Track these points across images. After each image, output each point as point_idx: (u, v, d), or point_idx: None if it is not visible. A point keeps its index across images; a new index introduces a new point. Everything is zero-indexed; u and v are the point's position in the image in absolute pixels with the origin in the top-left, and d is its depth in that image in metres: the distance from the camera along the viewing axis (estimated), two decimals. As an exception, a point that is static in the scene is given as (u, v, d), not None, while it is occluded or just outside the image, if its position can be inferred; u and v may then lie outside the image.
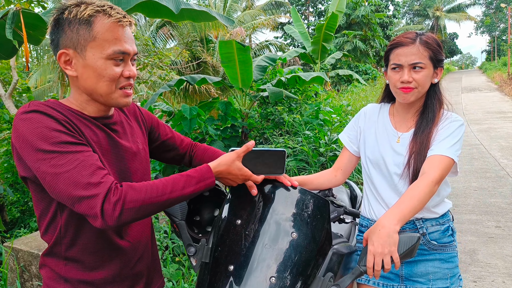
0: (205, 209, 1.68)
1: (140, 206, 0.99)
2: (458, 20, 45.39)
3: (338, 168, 1.75)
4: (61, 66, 1.08)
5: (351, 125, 1.75)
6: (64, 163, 0.96)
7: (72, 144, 0.99)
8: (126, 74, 1.10)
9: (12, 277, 2.84)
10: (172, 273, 2.92)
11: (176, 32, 12.69)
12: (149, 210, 1.01)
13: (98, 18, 1.05)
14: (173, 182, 1.06)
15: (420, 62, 1.44)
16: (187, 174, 1.09)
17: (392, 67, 1.49)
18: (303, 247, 1.19)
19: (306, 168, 5.36)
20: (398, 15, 27.42)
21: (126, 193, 0.97)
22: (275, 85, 6.59)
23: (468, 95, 18.99)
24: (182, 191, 1.06)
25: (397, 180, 1.53)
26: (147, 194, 1.00)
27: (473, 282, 3.26)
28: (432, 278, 1.53)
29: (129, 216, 0.97)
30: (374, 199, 1.62)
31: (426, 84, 1.48)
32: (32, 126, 0.98)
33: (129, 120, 1.29)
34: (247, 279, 1.13)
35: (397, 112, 1.62)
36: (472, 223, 4.52)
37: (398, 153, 1.54)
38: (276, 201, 1.26)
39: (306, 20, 30.15)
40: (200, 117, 5.53)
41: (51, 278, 1.13)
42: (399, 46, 1.47)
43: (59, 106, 1.08)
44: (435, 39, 1.49)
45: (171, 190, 1.04)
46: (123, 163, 1.18)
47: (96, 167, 0.99)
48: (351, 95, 13.42)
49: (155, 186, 1.03)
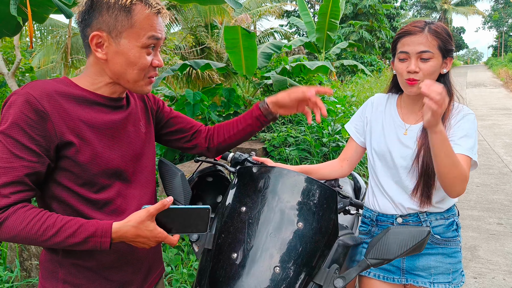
0: (208, 195, 1.65)
1: (14, 236, 0.96)
2: (466, 14, 44.89)
3: (344, 159, 1.72)
4: (92, 47, 1.07)
5: (357, 115, 1.71)
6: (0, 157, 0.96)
7: (21, 146, 0.97)
8: (155, 63, 1.12)
9: (12, 255, 2.84)
10: (171, 258, 2.91)
11: (180, 16, 12.55)
12: (25, 242, 0.98)
13: (139, 7, 1.05)
14: (63, 226, 0.97)
15: (428, 50, 1.38)
16: (82, 223, 0.98)
17: (399, 57, 1.44)
18: (309, 237, 1.16)
19: (308, 158, 5.33)
20: (406, 7, 27.12)
21: (7, 218, 0.95)
22: (280, 73, 6.53)
23: (473, 90, 18.86)
24: (66, 240, 0.97)
25: (404, 174, 1.50)
26: (25, 229, 0.95)
27: (473, 278, 3.25)
28: (434, 273, 1.50)
29: (3, 239, 0.97)
30: (378, 191, 1.59)
31: (434, 75, 1.42)
32: (10, 110, 0.97)
33: (136, 103, 1.27)
34: (250, 268, 1.10)
35: (405, 104, 1.57)
36: (474, 219, 4.50)
37: (405, 146, 1.50)
38: (283, 190, 1.23)
39: (312, 9, 29.86)
40: (203, 103, 5.49)
41: (49, 261, 1.12)
42: (406, 35, 1.42)
43: (67, 84, 1.07)
44: (444, 28, 1.43)
45: (54, 234, 0.96)
46: (125, 145, 1.16)
47: (17, 179, 0.96)
48: (355, 86, 13.33)
49: (39, 224, 0.96)
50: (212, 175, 1.62)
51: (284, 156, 5.25)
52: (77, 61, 11.32)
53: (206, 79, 10.06)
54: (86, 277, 1.11)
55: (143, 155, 1.22)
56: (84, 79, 1.12)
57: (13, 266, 2.80)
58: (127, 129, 1.18)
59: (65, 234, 0.97)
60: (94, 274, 1.12)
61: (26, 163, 0.97)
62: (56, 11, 3.31)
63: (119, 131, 1.15)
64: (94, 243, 0.98)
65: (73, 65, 10.68)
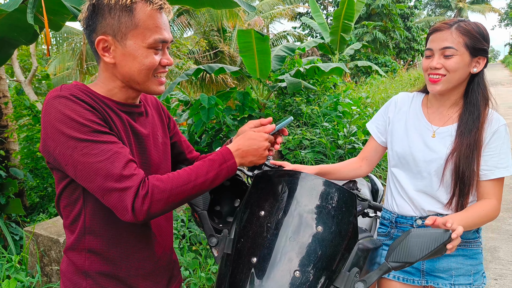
0: (226, 199, 1.65)
1: (168, 196, 0.97)
2: (482, 11, 44.13)
3: (364, 158, 1.68)
4: (99, 52, 1.05)
5: (380, 114, 1.67)
6: (98, 153, 0.94)
7: (104, 134, 0.98)
8: (164, 62, 1.10)
9: (32, 261, 2.89)
10: (189, 262, 2.92)
11: (193, 21, 12.65)
12: (177, 200, 0.99)
13: (140, 5, 1.03)
14: (197, 168, 1.04)
15: (451, 46, 1.35)
16: (208, 159, 1.08)
17: (425, 54, 1.43)
18: (329, 241, 1.15)
19: (323, 160, 5.30)
20: (420, 6, 26.79)
21: (153, 185, 0.96)
22: (294, 75, 6.51)
23: (490, 89, 18.52)
24: (206, 176, 1.04)
25: (429, 179, 1.46)
26: (173, 184, 0.98)
27: (494, 280, 3.19)
28: (454, 274, 1.47)
29: (158, 208, 0.96)
30: (397, 193, 1.56)
31: (459, 72, 1.38)
32: (64, 112, 0.95)
33: (153, 113, 1.26)
34: (270, 272, 1.10)
35: (431, 104, 1.53)
36: (494, 220, 4.40)
37: (432, 150, 1.45)
38: (301, 193, 1.22)
39: (325, 10, 29.77)
40: (218, 107, 5.51)
41: (72, 272, 1.11)
42: (434, 32, 1.40)
43: (88, 91, 1.06)
44: (477, 26, 1.39)
45: (196, 177, 1.02)
46: (145, 154, 1.15)
47: (128, 159, 0.97)
48: (370, 87, 13.21)
49: (180, 175, 1.01)
50: (229, 179, 1.62)
51: (299, 159, 5.24)
52: (92, 67, 11.50)
53: (220, 83, 10.10)
54: (111, 286, 1.11)
55: (160, 167, 1.21)
56: (99, 85, 1.11)
57: (34, 271, 2.85)
58: (148, 138, 1.17)
59: (202, 173, 1.04)
60: (120, 283, 1.12)
61: (120, 144, 0.99)
62: (72, 18, 3.37)
63: (139, 139, 1.14)
64: (227, 166, 1.08)
65: (88, 71, 10.85)
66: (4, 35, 3.22)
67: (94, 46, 1.05)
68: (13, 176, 4.16)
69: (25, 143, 4.82)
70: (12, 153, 4.42)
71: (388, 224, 1.60)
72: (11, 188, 3.78)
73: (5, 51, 3.47)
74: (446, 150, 1.42)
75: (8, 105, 4.49)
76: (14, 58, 6.29)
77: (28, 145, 4.77)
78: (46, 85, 6.82)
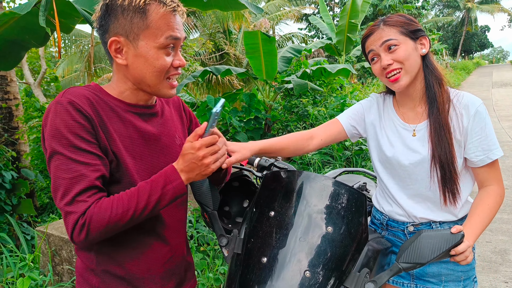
0: (234, 200, 1.66)
1: (107, 225, 0.97)
2: (491, 12, 43.73)
3: (318, 137, 1.53)
4: (111, 54, 1.05)
5: (355, 110, 1.58)
6: (65, 169, 0.96)
7: (81, 151, 0.98)
8: (176, 63, 1.08)
9: (44, 260, 2.92)
10: (197, 262, 2.94)
11: (199, 22, 12.70)
12: (118, 227, 0.99)
13: (153, 6, 1.02)
14: (139, 192, 1.00)
15: (390, 38, 1.33)
16: (152, 180, 1.02)
17: (370, 58, 1.40)
18: (339, 241, 1.16)
19: (330, 162, 5.30)
20: (427, 7, 26.64)
21: (91, 215, 0.96)
22: (300, 77, 6.51)
23: (499, 90, 18.35)
24: (149, 199, 0.99)
25: (418, 181, 1.41)
26: (112, 212, 0.97)
27: (504, 283, 3.16)
28: (444, 280, 1.45)
29: (95, 237, 0.97)
30: (388, 199, 1.52)
31: (411, 59, 1.34)
32: (54, 121, 0.98)
33: (172, 113, 1.25)
34: (280, 272, 1.11)
35: (402, 103, 1.47)
36: (504, 222, 4.38)
37: (415, 151, 1.40)
38: (311, 194, 1.23)
39: (332, 12, 29.72)
40: (224, 108, 5.53)
41: (84, 268, 1.14)
42: (367, 38, 1.39)
43: (98, 92, 1.07)
44: (400, 15, 1.39)
45: (137, 201, 0.99)
46: (155, 156, 1.15)
47: (90, 185, 0.97)
48: (377, 89, 13.16)
49: (121, 201, 0.99)
50: (238, 180, 1.63)
51: (306, 161, 5.23)
52: (100, 69, 11.60)
53: (226, 85, 10.13)
54: (118, 286, 1.12)
55: None
56: (111, 87, 1.11)
57: (45, 270, 2.88)
58: (160, 139, 1.17)
59: (145, 197, 0.99)
60: (126, 284, 1.13)
61: (92, 167, 0.98)
62: (82, 21, 3.41)
63: (151, 142, 1.14)
64: (172, 187, 1.01)
65: (96, 73, 10.94)
66: (16, 37, 3.27)
67: (107, 47, 1.05)
68: (24, 177, 4.21)
69: (35, 145, 4.87)
70: (23, 154, 4.47)
71: (379, 226, 1.57)
72: (23, 189, 3.83)
73: (16, 53, 3.53)
74: (427, 148, 1.38)
75: (18, 107, 4.55)
76: (24, 61, 6.36)
77: (38, 146, 4.83)
78: (55, 87, 6.89)
